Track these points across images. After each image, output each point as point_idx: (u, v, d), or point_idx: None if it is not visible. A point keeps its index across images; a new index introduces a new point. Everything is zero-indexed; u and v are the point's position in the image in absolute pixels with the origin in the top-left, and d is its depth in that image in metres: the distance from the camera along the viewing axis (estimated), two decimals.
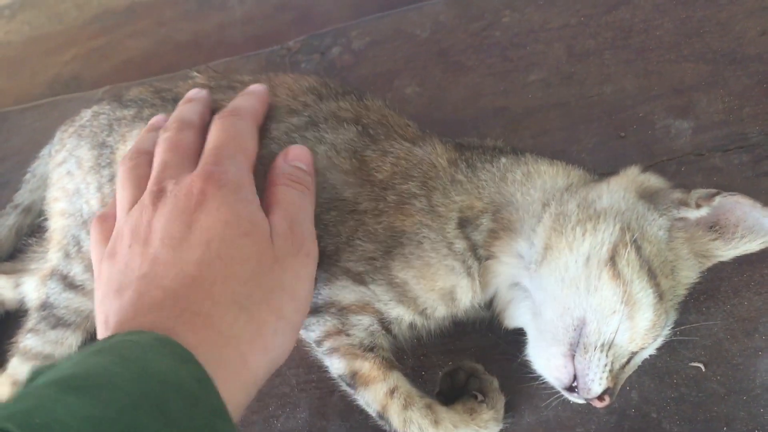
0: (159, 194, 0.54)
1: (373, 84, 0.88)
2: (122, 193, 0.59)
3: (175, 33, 1.40)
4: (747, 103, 0.71)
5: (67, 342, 0.74)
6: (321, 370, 0.65)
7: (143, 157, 0.61)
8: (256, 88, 0.67)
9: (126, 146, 0.73)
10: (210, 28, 1.37)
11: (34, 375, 0.41)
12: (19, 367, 0.73)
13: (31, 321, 0.75)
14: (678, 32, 0.78)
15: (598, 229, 0.55)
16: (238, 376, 0.46)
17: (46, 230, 0.81)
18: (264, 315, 0.50)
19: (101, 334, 0.54)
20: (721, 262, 0.60)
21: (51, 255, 0.78)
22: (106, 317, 0.52)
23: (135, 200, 0.57)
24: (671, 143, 0.71)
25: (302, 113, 0.69)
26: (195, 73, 0.79)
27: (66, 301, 0.74)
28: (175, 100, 0.74)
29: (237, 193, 0.53)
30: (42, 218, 0.84)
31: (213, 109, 0.66)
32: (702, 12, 0.79)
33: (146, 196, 0.55)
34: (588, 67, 0.80)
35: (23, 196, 0.88)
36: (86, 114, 0.81)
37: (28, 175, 0.89)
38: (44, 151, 0.88)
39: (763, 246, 0.57)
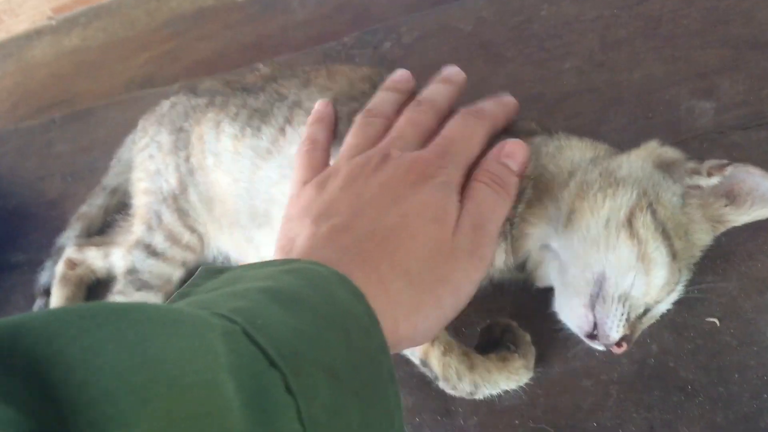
0: (386, 158, 0.58)
1: (420, 75, 0.94)
2: (351, 140, 0.64)
3: (241, 35, 1.49)
4: (766, 84, 0.76)
5: (151, 302, 0.84)
6: None
7: (380, 119, 0.65)
8: (508, 100, 0.69)
9: (200, 129, 0.83)
10: (273, 30, 1.45)
11: (207, 272, 0.46)
12: None
13: (119, 285, 0.86)
14: (704, 20, 0.84)
15: (617, 194, 0.61)
16: (387, 335, 0.47)
17: (131, 207, 0.92)
18: (426, 297, 0.52)
19: (282, 249, 0.58)
20: (737, 229, 0.66)
21: (135, 228, 0.88)
22: (294, 236, 0.56)
23: (358, 149, 0.62)
24: (694, 122, 0.77)
25: (360, 99, 0.77)
26: (260, 66, 0.88)
27: (149, 266, 0.84)
28: (244, 89, 0.83)
29: (445, 186, 0.56)
30: (127, 198, 0.94)
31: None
32: (727, 1, 0.84)
33: (376, 154, 0.59)
34: (619, 55, 0.86)
35: (110, 180, 0.99)
36: (165, 104, 0.92)
37: (113, 161, 1.00)
38: (128, 139, 0.99)
39: None
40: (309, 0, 1.48)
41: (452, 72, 0.71)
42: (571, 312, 0.62)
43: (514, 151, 0.61)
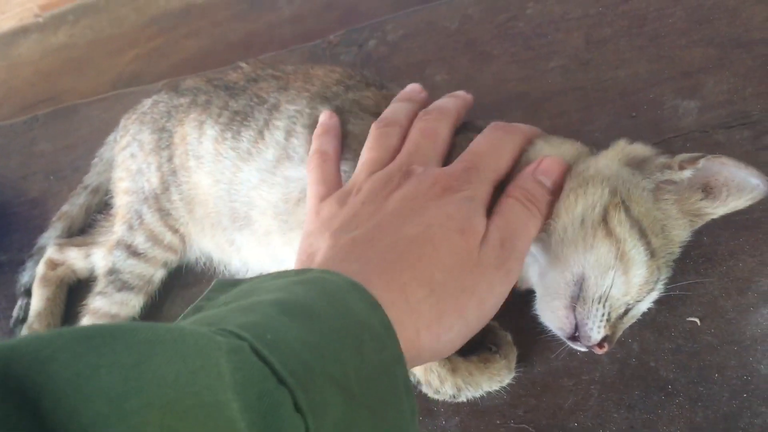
0: (408, 174, 0.58)
1: (406, 73, 0.95)
2: (368, 154, 0.64)
3: (229, 32, 1.48)
4: (750, 83, 0.76)
5: (131, 303, 0.83)
6: None
7: (395, 128, 0.65)
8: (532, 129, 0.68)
9: (183, 130, 0.82)
10: (260, 28, 1.45)
11: (221, 285, 0.46)
12: None
13: (99, 285, 0.85)
14: (689, 19, 0.83)
15: (588, 193, 0.61)
16: (408, 346, 0.46)
17: (112, 207, 0.91)
18: (448, 307, 0.51)
19: (301, 263, 0.58)
20: (718, 228, 0.66)
21: (117, 228, 0.87)
22: (313, 250, 0.56)
23: (378, 163, 0.62)
24: (678, 122, 0.77)
25: (333, 101, 0.76)
26: (243, 64, 0.88)
27: (130, 267, 0.84)
28: (226, 88, 0.83)
29: (470, 201, 0.56)
30: (108, 197, 0.94)
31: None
32: (712, 0, 0.84)
33: (396, 171, 0.60)
34: (604, 54, 0.85)
35: (92, 178, 0.98)
36: (147, 102, 0.91)
37: (95, 160, 0.99)
38: (110, 138, 0.98)
39: (749, 202, 0.61)
40: None
41: (459, 92, 0.72)
42: (552, 314, 0.62)
43: (551, 168, 0.62)
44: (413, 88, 0.72)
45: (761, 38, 0.78)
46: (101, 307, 0.83)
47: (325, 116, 0.71)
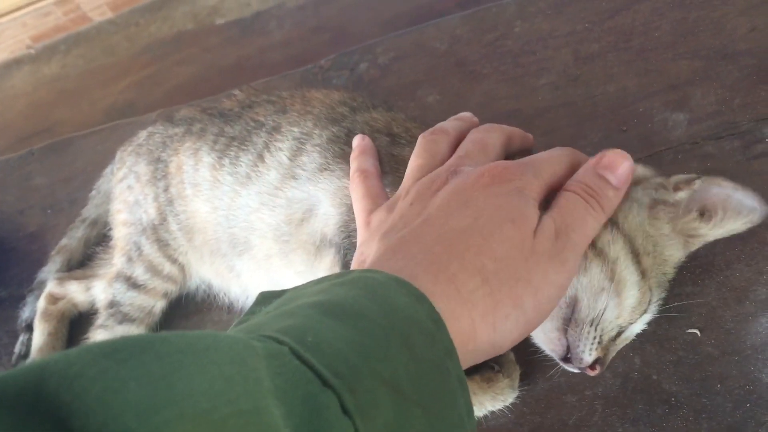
0: (454, 173, 0.56)
1: (397, 95, 0.96)
2: (415, 161, 0.62)
3: (220, 58, 1.50)
4: (737, 94, 0.77)
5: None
6: None
7: (442, 136, 0.64)
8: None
9: (179, 159, 0.83)
10: (252, 52, 1.47)
11: (264, 297, 0.44)
12: None
13: (100, 318, 0.85)
14: (674, 32, 0.85)
15: None
16: (464, 338, 0.46)
17: (111, 239, 0.92)
18: (503, 296, 0.49)
19: None
20: (715, 240, 0.66)
21: (116, 260, 0.88)
22: (364, 258, 0.55)
23: (425, 169, 0.60)
24: (668, 134, 0.77)
25: (341, 122, 0.77)
26: (237, 91, 0.89)
27: (130, 299, 0.84)
28: (221, 115, 0.84)
29: (521, 193, 0.53)
30: (107, 229, 0.94)
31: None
32: (697, 12, 0.85)
33: (443, 170, 0.58)
34: (593, 69, 0.87)
35: (90, 211, 0.99)
36: (142, 134, 0.92)
37: (93, 192, 1.00)
38: (107, 170, 0.99)
39: (747, 225, 0.61)
40: (286, 21, 1.50)
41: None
42: (545, 336, 0.62)
43: (614, 162, 0.57)
44: (465, 113, 0.71)
45: (746, 49, 0.80)
46: None
47: (358, 139, 0.71)
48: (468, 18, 1.00)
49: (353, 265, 0.57)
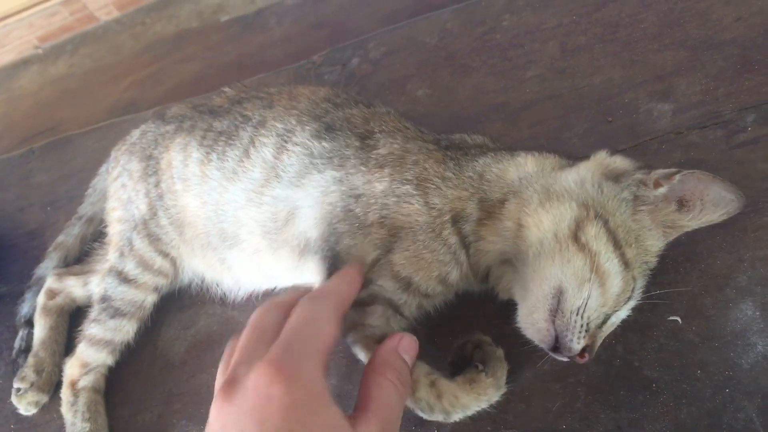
0: (232, 384, 0.53)
1: (388, 89, 0.97)
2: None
3: (221, 56, 1.50)
4: (722, 83, 0.77)
5: (125, 329, 0.85)
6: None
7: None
8: (349, 270, 0.66)
9: (169, 155, 0.84)
10: (252, 49, 1.47)
11: None
12: (85, 351, 0.84)
13: (93, 312, 0.86)
14: (661, 23, 0.85)
15: (553, 207, 0.62)
16: None
17: (107, 235, 0.94)
18: None
19: None
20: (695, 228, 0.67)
21: (110, 255, 0.89)
22: None
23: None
24: (654, 124, 0.78)
25: (323, 118, 0.78)
26: (227, 88, 0.90)
27: (121, 293, 0.85)
28: (211, 112, 0.85)
29: (308, 395, 0.51)
30: (104, 226, 0.96)
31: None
32: (683, 3, 0.85)
33: (220, 388, 0.54)
34: (579, 61, 0.87)
35: (86, 209, 1.00)
36: (136, 133, 0.93)
37: (89, 190, 1.01)
38: (102, 169, 1.00)
39: (724, 217, 0.63)
40: (286, 18, 1.50)
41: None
42: (533, 327, 0.63)
43: (411, 346, 0.62)
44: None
45: (731, 38, 0.80)
46: (96, 334, 0.84)
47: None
48: (458, 12, 1.00)
49: None
